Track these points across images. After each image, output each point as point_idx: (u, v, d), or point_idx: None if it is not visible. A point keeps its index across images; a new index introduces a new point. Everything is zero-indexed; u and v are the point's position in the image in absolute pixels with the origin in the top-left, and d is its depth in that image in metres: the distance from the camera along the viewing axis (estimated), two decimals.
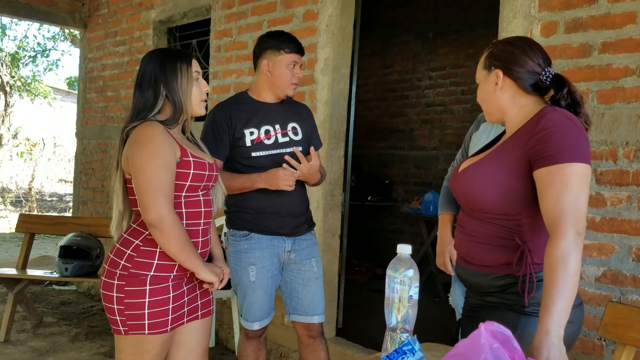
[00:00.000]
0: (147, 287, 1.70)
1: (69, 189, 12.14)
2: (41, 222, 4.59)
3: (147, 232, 1.74)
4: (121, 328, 1.73)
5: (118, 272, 1.73)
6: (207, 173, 1.82)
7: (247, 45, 3.70)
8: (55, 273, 3.89)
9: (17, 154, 13.29)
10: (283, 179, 2.17)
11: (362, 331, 3.43)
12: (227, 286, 2.42)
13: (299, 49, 2.30)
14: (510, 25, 2.43)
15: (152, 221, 1.67)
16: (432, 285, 5.26)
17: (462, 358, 1.12)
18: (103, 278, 1.77)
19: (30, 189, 11.47)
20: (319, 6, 3.27)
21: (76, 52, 6.81)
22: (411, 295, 1.24)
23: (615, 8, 2.17)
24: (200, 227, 1.84)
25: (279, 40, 2.29)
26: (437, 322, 2.94)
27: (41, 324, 4.18)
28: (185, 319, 1.83)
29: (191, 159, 1.77)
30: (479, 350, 1.11)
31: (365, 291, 5.08)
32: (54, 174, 14.06)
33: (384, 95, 6.48)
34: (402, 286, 1.24)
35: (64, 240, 3.87)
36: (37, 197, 11.76)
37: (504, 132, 1.59)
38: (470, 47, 5.58)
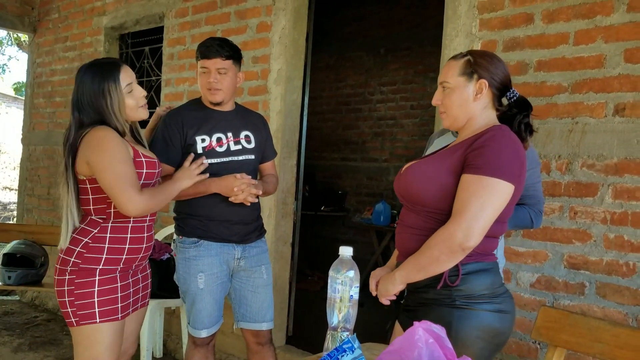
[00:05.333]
0: (97, 278, 1.83)
1: (13, 197, 11.70)
2: None
3: (96, 231, 1.85)
4: (73, 319, 1.83)
5: (69, 268, 1.83)
6: (157, 170, 1.96)
7: None
8: None
9: None
10: (237, 189, 2.19)
11: (312, 339, 3.44)
12: (177, 295, 2.42)
13: (211, 54, 2.22)
14: (453, 43, 2.54)
15: (135, 215, 1.82)
16: None
17: (398, 354, 1.18)
18: (55, 277, 1.86)
19: None
20: (272, 18, 3.33)
21: (24, 57, 6.62)
22: (352, 295, 1.29)
23: (550, 29, 2.32)
24: (146, 224, 1.96)
25: (198, 49, 2.30)
26: (384, 325, 3.00)
27: None
28: (131, 309, 1.97)
29: (143, 159, 1.90)
30: (414, 346, 1.17)
31: (318, 300, 5.09)
32: None
33: (337, 107, 6.60)
34: (343, 287, 1.29)
35: (7, 248, 3.75)
36: None
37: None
38: (420, 64, 5.77)
